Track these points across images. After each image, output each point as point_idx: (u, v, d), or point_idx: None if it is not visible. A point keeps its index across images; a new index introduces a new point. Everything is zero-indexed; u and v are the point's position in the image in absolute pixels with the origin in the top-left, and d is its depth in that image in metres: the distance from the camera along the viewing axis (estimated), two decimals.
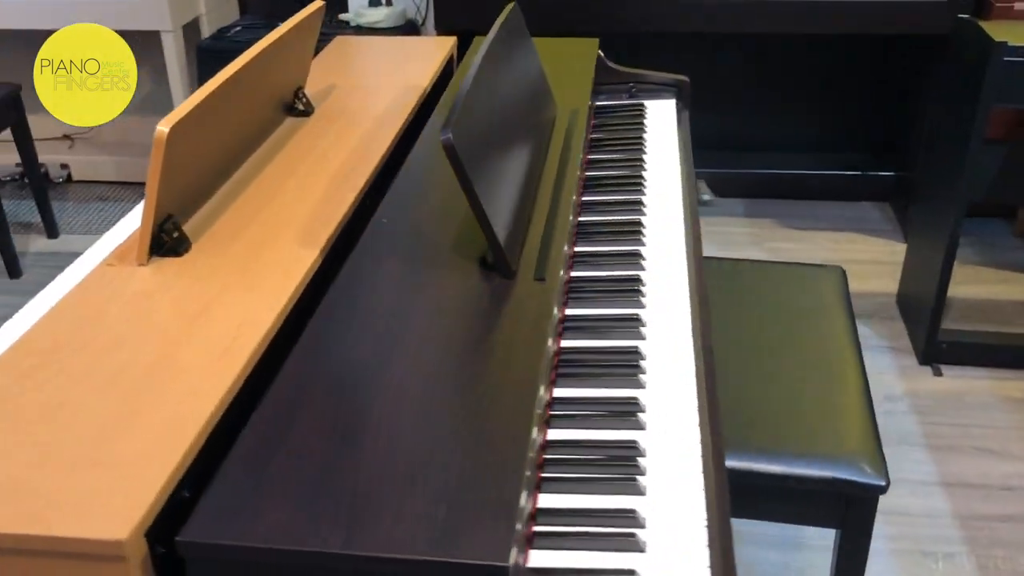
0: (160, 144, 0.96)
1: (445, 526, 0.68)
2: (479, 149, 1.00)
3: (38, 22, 2.54)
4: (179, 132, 0.97)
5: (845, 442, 1.27)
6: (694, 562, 0.78)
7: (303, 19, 1.32)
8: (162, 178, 0.98)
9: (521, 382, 0.86)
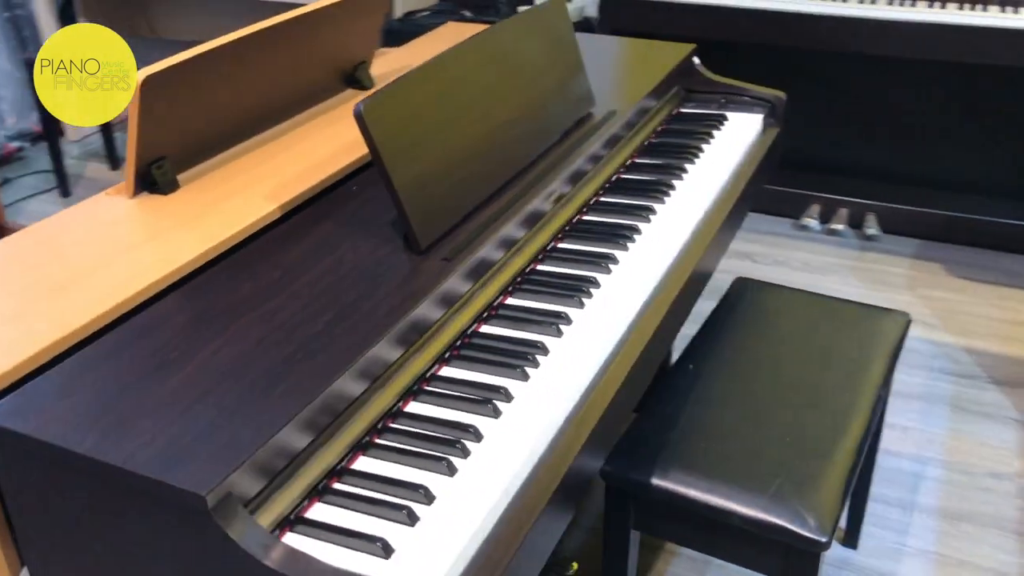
0: (136, 90, 1.08)
1: (178, 454, 0.74)
2: (403, 128, 1.04)
3: None
4: (157, 81, 1.10)
5: (803, 491, 1.18)
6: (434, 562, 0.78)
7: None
8: (141, 122, 1.11)
9: (354, 345, 0.90)
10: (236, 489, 0.73)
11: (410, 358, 0.98)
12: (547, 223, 1.27)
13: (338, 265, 1.03)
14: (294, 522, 0.82)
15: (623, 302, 1.15)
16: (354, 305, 0.96)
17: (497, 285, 1.15)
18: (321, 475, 0.86)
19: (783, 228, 2.96)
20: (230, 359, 0.87)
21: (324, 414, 0.85)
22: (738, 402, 1.34)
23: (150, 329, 0.92)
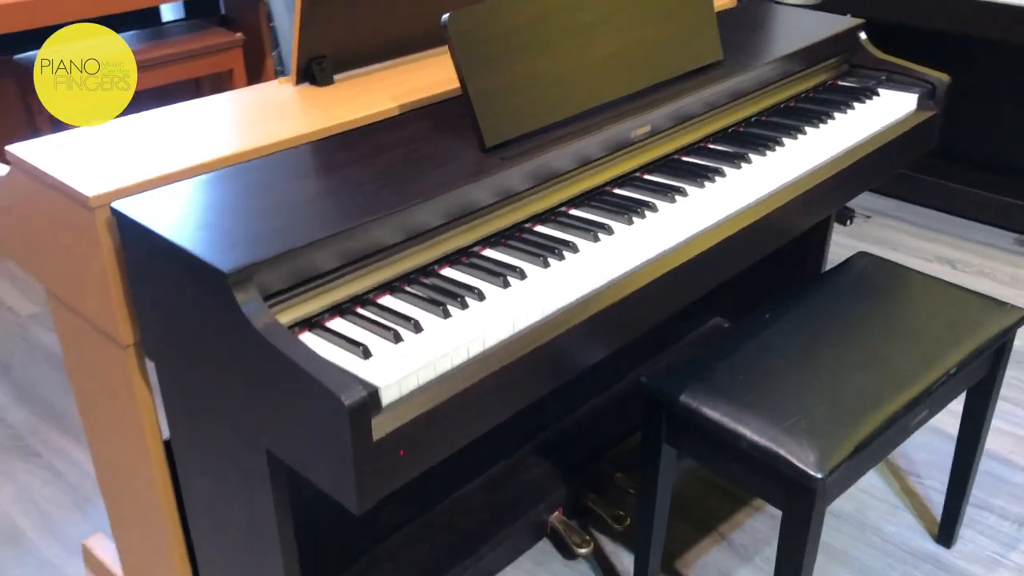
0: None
1: (228, 245, 0.99)
2: (487, 41, 1.22)
3: None
4: None
5: (814, 433, 1.23)
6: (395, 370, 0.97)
7: None
8: (303, 23, 1.37)
9: (392, 203, 1.10)
10: (258, 276, 0.96)
11: (453, 232, 1.17)
12: (635, 153, 1.40)
13: (416, 150, 1.24)
14: (313, 326, 1.04)
15: (671, 229, 1.26)
16: (409, 178, 1.16)
17: (563, 194, 1.30)
18: (347, 298, 1.07)
19: (1002, 241, 2.80)
20: (304, 196, 1.11)
21: (353, 248, 1.06)
22: (794, 352, 1.40)
23: (268, 168, 1.18)
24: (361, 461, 0.90)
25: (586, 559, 1.72)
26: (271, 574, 1.18)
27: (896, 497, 1.85)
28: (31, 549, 1.78)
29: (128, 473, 1.41)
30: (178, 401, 1.20)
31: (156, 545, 1.43)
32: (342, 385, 0.88)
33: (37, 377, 2.27)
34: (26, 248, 1.32)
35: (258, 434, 1.03)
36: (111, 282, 1.12)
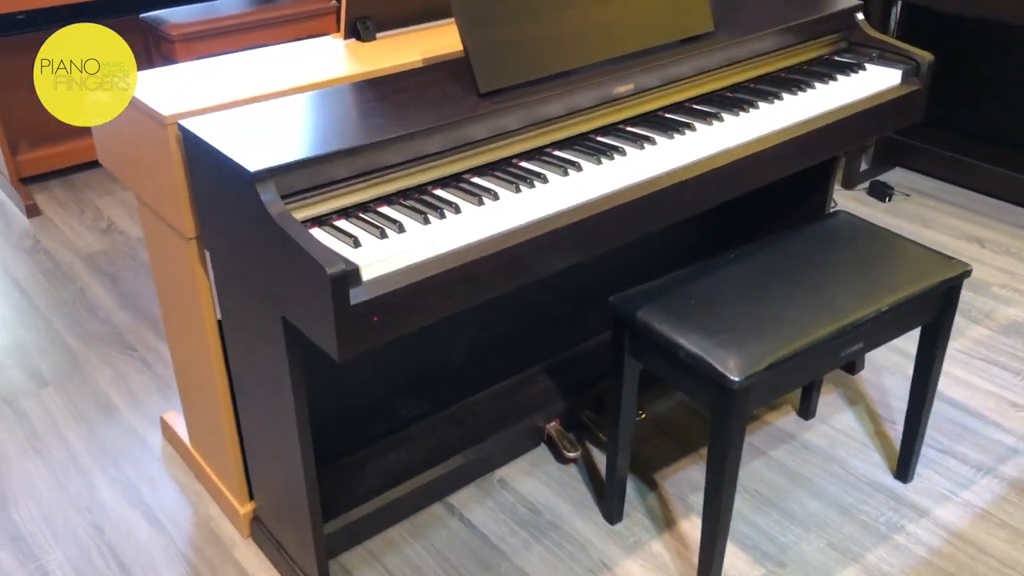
0: None
1: (262, 154, 1.29)
2: (485, 6, 1.48)
3: None
4: None
5: (742, 347, 1.46)
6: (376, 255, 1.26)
7: None
8: None
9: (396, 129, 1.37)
10: (277, 178, 1.25)
11: (448, 159, 1.44)
12: (622, 108, 1.64)
13: (428, 94, 1.51)
14: (322, 223, 1.33)
15: (631, 170, 1.50)
16: (411, 115, 1.44)
17: (551, 137, 1.56)
18: (353, 204, 1.36)
19: None
20: (331, 121, 1.41)
21: (361, 163, 1.34)
22: (745, 284, 1.62)
23: (308, 101, 1.47)
24: (341, 320, 1.19)
25: (576, 464, 1.98)
26: (288, 431, 1.49)
27: (867, 438, 2.04)
28: (121, 420, 2.15)
29: (192, 350, 1.75)
30: (226, 283, 1.52)
31: (212, 413, 1.76)
32: (328, 260, 1.17)
33: (139, 289, 2.66)
34: (121, 161, 1.66)
35: (276, 303, 1.34)
36: (178, 185, 1.45)
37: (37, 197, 3.19)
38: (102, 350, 2.41)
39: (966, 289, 2.50)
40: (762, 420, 2.10)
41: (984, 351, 2.33)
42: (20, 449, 2.07)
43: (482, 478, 1.95)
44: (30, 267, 2.80)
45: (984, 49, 3.05)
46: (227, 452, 1.76)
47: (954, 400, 2.16)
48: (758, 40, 1.81)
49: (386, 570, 1.75)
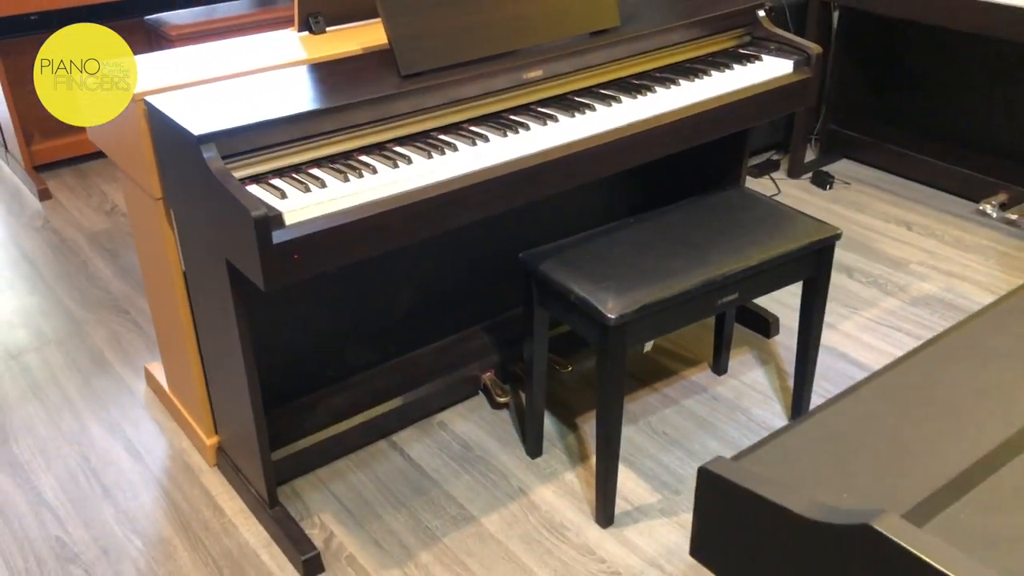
0: None
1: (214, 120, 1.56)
2: (407, 2, 1.74)
3: None
4: None
5: (621, 292, 1.71)
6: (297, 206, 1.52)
7: None
8: None
9: (327, 104, 1.64)
10: (219, 140, 1.52)
11: (373, 129, 1.70)
12: (534, 91, 1.89)
13: (356, 75, 1.78)
14: (259, 180, 1.60)
15: (534, 143, 1.75)
16: (342, 92, 1.70)
17: (468, 114, 1.81)
18: (288, 166, 1.63)
19: (962, 210, 3.12)
20: (274, 96, 1.67)
21: (295, 130, 1.61)
22: (636, 242, 1.87)
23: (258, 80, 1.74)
24: (265, 255, 1.45)
25: (508, 409, 2.23)
26: (238, 366, 1.75)
27: (772, 392, 2.28)
28: (111, 372, 2.43)
29: (165, 301, 2.02)
30: (187, 236, 1.80)
31: (183, 358, 2.03)
32: (253, 205, 1.44)
33: (134, 262, 2.94)
34: (105, 135, 1.93)
35: (221, 248, 1.60)
36: (145, 152, 1.72)
37: (49, 183, 3.49)
38: (99, 314, 2.69)
39: (885, 266, 2.74)
40: (679, 375, 2.34)
41: (893, 319, 2.55)
42: (22, 395, 2.35)
43: (424, 421, 2.20)
44: (39, 243, 3.10)
45: (921, 50, 3.28)
46: (195, 392, 2.03)
47: (857, 361, 2.39)
48: (662, 34, 2.05)
49: (332, 493, 2.01)
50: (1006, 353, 1.05)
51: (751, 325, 2.49)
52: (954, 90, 3.20)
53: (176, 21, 3.45)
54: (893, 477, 0.88)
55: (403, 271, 2.16)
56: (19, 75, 3.48)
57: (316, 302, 2.06)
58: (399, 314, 2.21)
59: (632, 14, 2.09)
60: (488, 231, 2.20)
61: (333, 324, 2.11)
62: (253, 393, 1.78)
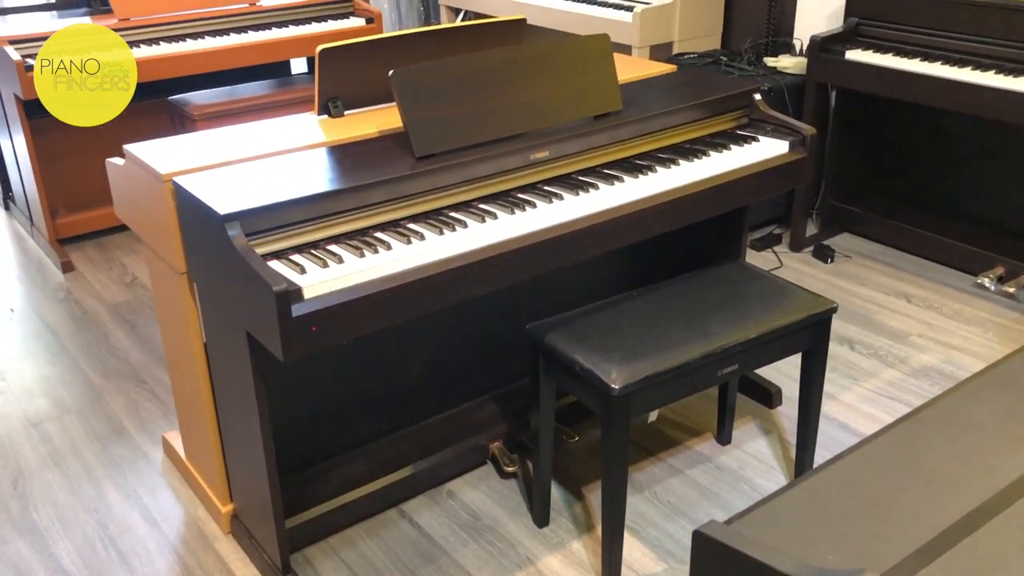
0: (317, 56, 2.03)
1: (241, 198, 1.65)
2: (421, 89, 1.85)
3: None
4: (329, 53, 2.03)
5: (625, 365, 1.77)
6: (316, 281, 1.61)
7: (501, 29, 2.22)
8: (320, 75, 2.05)
9: (343, 184, 1.74)
10: (243, 219, 1.61)
11: (389, 207, 1.80)
12: (542, 170, 1.99)
13: (372, 156, 1.88)
14: (280, 256, 1.69)
15: (541, 220, 1.84)
16: (359, 172, 1.80)
17: (478, 193, 1.91)
18: (307, 243, 1.72)
19: (961, 283, 3.19)
20: (295, 177, 1.76)
21: (316, 209, 1.70)
22: (639, 314, 1.94)
23: (280, 161, 1.84)
24: (284, 327, 1.53)
25: (515, 478, 2.28)
26: (255, 436, 1.82)
27: (776, 461, 2.32)
28: (130, 440, 2.50)
29: (185, 371, 2.09)
30: (209, 308, 1.88)
31: (200, 426, 2.10)
32: (275, 280, 1.52)
33: (154, 333, 3.03)
34: (131, 211, 2.04)
35: (241, 320, 1.69)
36: (172, 229, 1.81)
37: (73, 255, 3.60)
38: (118, 383, 2.76)
39: (886, 338, 2.80)
40: (683, 444, 2.39)
41: (893, 391, 2.61)
42: (42, 463, 2.41)
43: (433, 490, 2.25)
44: (62, 314, 3.19)
45: (916, 127, 3.39)
46: (212, 459, 2.09)
47: (858, 431, 2.43)
48: (662, 116, 2.16)
49: (342, 561, 2.05)
50: (985, 423, 1.11)
51: (754, 395, 2.54)
52: (950, 166, 3.30)
53: (199, 101, 3.60)
54: (876, 539, 0.94)
55: (413, 342, 2.23)
56: (48, 152, 3.62)
57: (330, 372, 2.13)
58: (410, 384, 2.28)
59: (633, 98, 2.20)
60: (495, 302, 2.28)
61: (346, 393, 2.18)
62: (269, 463, 1.84)
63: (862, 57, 3.08)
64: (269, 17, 3.82)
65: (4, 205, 4.18)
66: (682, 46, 3.83)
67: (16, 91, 3.20)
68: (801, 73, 3.38)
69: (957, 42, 2.95)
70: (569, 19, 3.99)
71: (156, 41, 3.50)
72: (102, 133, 3.82)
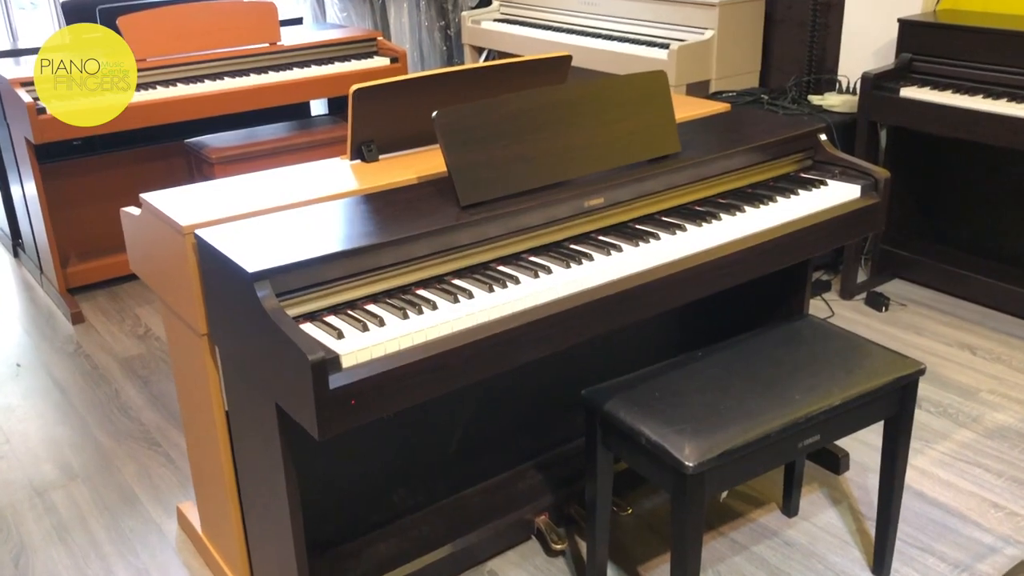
0: (351, 96, 1.86)
1: (262, 259, 1.47)
2: (465, 132, 1.68)
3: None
4: (363, 93, 1.87)
5: (698, 437, 1.58)
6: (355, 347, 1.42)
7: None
8: (354, 117, 1.89)
9: (385, 237, 1.56)
10: (273, 277, 1.43)
11: (433, 262, 1.62)
12: (596, 218, 1.81)
13: (413, 205, 1.71)
14: (313, 318, 1.50)
15: (596, 275, 1.66)
16: (400, 223, 1.62)
17: (528, 244, 1.73)
18: (343, 303, 1.54)
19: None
20: (329, 228, 1.59)
21: (350, 265, 1.52)
22: (708, 378, 1.75)
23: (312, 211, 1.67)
24: (320, 402, 1.35)
25: (563, 556, 2.07)
26: (282, 515, 1.62)
27: (848, 535, 2.11)
28: (142, 511, 2.30)
29: (204, 440, 1.90)
30: (232, 374, 1.69)
31: (220, 501, 1.90)
32: (310, 349, 1.34)
33: (168, 390, 2.84)
34: (148, 266, 1.86)
35: (270, 391, 1.50)
36: (193, 286, 1.64)
37: (83, 305, 3.43)
38: (129, 446, 2.57)
39: (954, 394, 2.60)
40: (746, 517, 2.18)
41: (969, 454, 2.39)
42: (46, 537, 2.22)
43: (473, 569, 2.05)
44: (70, 369, 3.01)
45: (970, 167, 3.21)
46: (232, 538, 1.90)
47: (937, 501, 2.22)
48: (723, 159, 1.98)
49: None
50: None
51: (820, 461, 2.34)
52: (1005, 207, 3.12)
53: (217, 144, 3.45)
54: None
55: (450, 404, 2.04)
56: (59, 198, 3.47)
57: (360, 439, 1.94)
58: (446, 452, 2.08)
59: (688, 140, 2.03)
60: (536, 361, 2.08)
61: (377, 463, 1.99)
62: (298, 544, 1.64)
63: (919, 95, 2.91)
64: (291, 57, 3.68)
65: (13, 252, 4.03)
66: (719, 84, 3.67)
67: (27, 135, 3.04)
68: (849, 111, 3.21)
69: (1019, 78, 2.78)
70: (601, 57, 3.84)
71: (173, 83, 3.36)
72: (115, 177, 3.69)
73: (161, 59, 3.41)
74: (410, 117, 1.96)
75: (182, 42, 3.46)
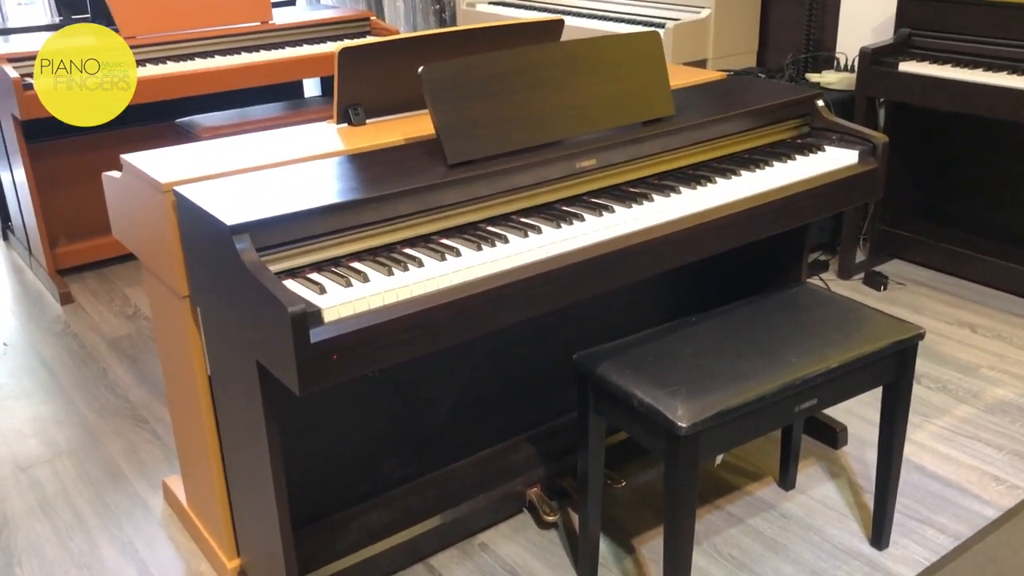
0: (337, 55, 1.82)
1: (248, 211, 1.43)
2: (453, 89, 1.64)
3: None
4: (350, 53, 1.83)
5: (691, 399, 1.54)
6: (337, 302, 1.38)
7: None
8: (340, 78, 1.84)
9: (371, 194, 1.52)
10: (252, 231, 1.39)
11: (419, 220, 1.57)
12: (588, 180, 1.77)
13: (399, 164, 1.66)
14: (295, 274, 1.46)
15: (589, 235, 1.62)
16: (385, 181, 1.58)
17: (518, 205, 1.69)
18: (327, 259, 1.49)
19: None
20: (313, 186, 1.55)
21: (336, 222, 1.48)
22: (702, 342, 1.71)
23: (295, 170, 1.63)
24: (301, 355, 1.30)
25: (555, 528, 2.03)
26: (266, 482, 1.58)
27: (846, 508, 2.07)
28: (127, 486, 2.26)
29: (187, 408, 1.86)
30: (214, 336, 1.65)
31: (204, 471, 1.86)
32: (290, 300, 1.29)
33: (156, 369, 2.80)
34: (130, 229, 1.82)
35: (251, 348, 1.46)
36: (173, 246, 1.59)
37: (72, 287, 3.39)
38: (116, 423, 2.53)
39: (954, 370, 2.56)
40: (743, 490, 2.14)
41: (970, 428, 2.35)
42: (29, 512, 2.18)
43: (464, 541, 2.00)
44: (58, 349, 2.97)
45: (969, 145, 3.17)
46: (217, 509, 1.85)
47: (936, 474, 2.18)
48: (718, 123, 1.94)
49: None
50: None
51: (817, 435, 2.30)
52: (1005, 186, 3.08)
53: (208, 123, 3.40)
54: None
55: (440, 374, 2.00)
56: (47, 178, 3.43)
57: (348, 409, 1.90)
58: (437, 422, 2.04)
59: (683, 105, 1.99)
60: (530, 329, 2.05)
61: (366, 433, 1.94)
62: (282, 513, 1.60)
63: (918, 69, 2.87)
64: (282, 36, 3.63)
65: (2, 235, 3.98)
66: (716, 64, 3.63)
67: (14, 111, 3.01)
68: (847, 89, 3.17)
69: (1018, 50, 2.74)
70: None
71: (163, 60, 3.32)
72: (104, 158, 3.62)
73: (151, 37, 3.37)
74: (398, 80, 1.92)
75: (172, 20, 3.42)
